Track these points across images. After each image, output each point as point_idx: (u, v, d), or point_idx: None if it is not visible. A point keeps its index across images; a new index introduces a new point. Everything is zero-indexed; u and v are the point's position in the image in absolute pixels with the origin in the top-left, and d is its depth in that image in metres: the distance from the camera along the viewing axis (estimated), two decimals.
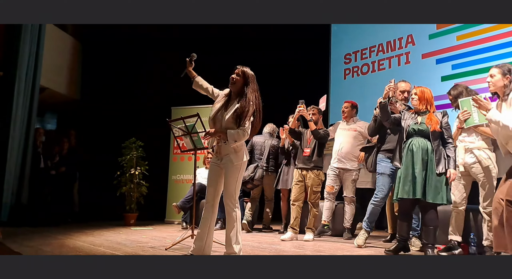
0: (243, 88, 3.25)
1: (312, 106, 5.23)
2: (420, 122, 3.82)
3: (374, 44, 7.55)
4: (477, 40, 6.27)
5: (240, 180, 3.30)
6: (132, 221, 6.91)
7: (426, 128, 3.77)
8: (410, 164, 3.71)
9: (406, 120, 3.90)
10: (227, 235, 3.24)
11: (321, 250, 4.14)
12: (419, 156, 3.69)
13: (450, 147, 3.78)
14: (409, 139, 3.82)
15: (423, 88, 3.95)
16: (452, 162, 3.71)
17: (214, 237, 4.42)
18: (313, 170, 5.02)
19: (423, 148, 3.72)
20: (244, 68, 3.29)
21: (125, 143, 7.18)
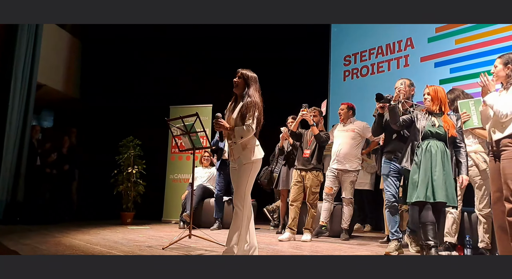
0: (245, 90, 3.31)
1: (314, 108, 5.24)
2: (438, 125, 3.66)
3: (374, 46, 7.58)
4: (476, 44, 6.31)
5: (252, 180, 3.31)
6: (129, 220, 6.88)
7: (444, 132, 3.62)
8: (429, 166, 3.54)
9: (421, 121, 3.73)
10: (230, 234, 3.22)
11: (318, 251, 4.14)
12: (438, 158, 3.54)
13: (462, 152, 3.65)
14: (425, 141, 3.66)
15: (436, 87, 3.78)
16: (464, 167, 3.59)
17: (211, 237, 4.45)
18: (312, 171, 5.03)
19: (442, 151, 3.58)
20: (244, 71, 3.35)
21: (123, 142, 7.15)
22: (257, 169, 3.34)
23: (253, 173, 3.29)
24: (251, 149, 3.29)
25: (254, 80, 3.33)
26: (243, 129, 3.19)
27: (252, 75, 3.34)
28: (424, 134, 3.66)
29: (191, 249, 4.03)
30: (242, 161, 3.24)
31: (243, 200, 3.23)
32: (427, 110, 3.77)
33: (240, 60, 7.96)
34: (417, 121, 3.74)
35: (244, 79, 3.31)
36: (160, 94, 8.01)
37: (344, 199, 5.29)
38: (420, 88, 6.21)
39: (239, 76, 3.33)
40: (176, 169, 7.65)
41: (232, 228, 3.22)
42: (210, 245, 4.23)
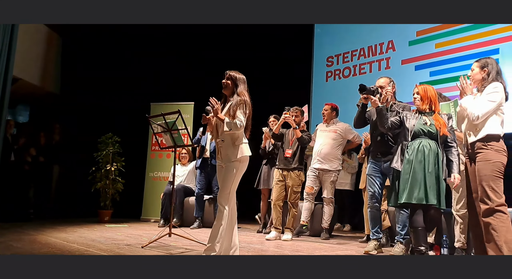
0: (234, 90, 3.36)
1: (295, 108, 5.24)
2: (430, 124, 3.55)
3: (356, 48, 7.63)
4: (455, 49, 6.41)
5: (238, 179, 3.33)
6: (106, 218, 6.77)
7: (436, 131, 3.50)
8: (421, 166, 3.43)
9: (410, 120, 3.61)
10: (212, 232, 3.21)
11: (299, 250, 4.14)
12: (431, 158, 3.42)
13: (453, 151, 3.53)
14: (417, 140, 3.53)
15: (425, 86, 3.68)
16: (455, 167, 3.48)
17: (191, 236, 4.41)
18: (294, 171, 5.05)
19: (434, 150, 3.46)
20: (232, 72, 3.40)
21: (102, 138, 7.04)
22: (244, 168, 3.35)
23: (240, 171, 3.30)
24: (240, 146, 3.30)
25: (242, 81, 3.40)
26: (235, 123, 3.21)
27: (241, 76, 3.41)
28: (415, 133, 3.54)
29: (171, 247, 3.99)
30: (230, 158, 3.27)
31: (228, 199, 3.25)
32: (417, 110, 3.69)
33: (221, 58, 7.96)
34: (407, 120, 3.64)
35: (233, 80, 3.38)
36: (141, 91, 7.91)
37: (324, 199, 5.32)
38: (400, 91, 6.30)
39: (228, 78, 3.39)
40: (156, 166, 7.56)
41: (215, 226, 3.21)
42: (190, 244, 4.19)
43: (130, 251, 3.62)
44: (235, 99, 3.30)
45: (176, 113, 4.24)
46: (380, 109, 3.76)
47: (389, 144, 4.07)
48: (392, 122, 3.73)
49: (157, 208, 6.86)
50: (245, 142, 3.36)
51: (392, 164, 3.61)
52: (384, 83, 4.13)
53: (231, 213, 3.31)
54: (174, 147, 4.50)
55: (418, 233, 3.42)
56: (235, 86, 3.37)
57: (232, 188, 3.28)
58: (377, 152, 4.16)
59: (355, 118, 4.26)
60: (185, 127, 4.34)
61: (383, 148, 4.10)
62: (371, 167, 4.20)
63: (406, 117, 3.66)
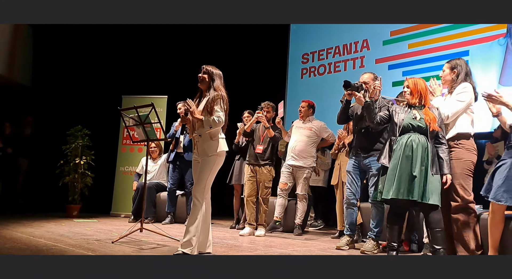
0: (210, 85, 3.36)
1: (267, 103, 5.22)
2: (420, 118, 3.41)
3: (331, 46, 7.68)
4: (427, 49, 6.53)
5: (214, 173, 3.32)
6: (75, 213, 6.61)
7: (426, 125, 3.37)
8: (408, 161, 3.31)
9: (399, 115, 3.50)
10: (187, 227, 3.18)
11: (272, 246, 4.13)
12: (418, 153, 3.30)
13: (444, 149, 3.38)
14: (405, 134, 3.42)
15: (415, 79, 3.55)
16: (446, 165, 3.33)
17: (163, 231, 4.34)
18: (265, 166, 5.03)
19: (423, 145, 3.33)
20: (209, 67, 3.40)
21: (70, 131, 6.86)
22: (221, 162, 3.35)
23: (216, 165, 3.30)
24: (217, 140, 3.31)
25: (219, 76, 3.40)
26: (214, 120, 3.19)
27: (217, 71, 3.41)
28: (403, 128, 3.43)
29: (142, 243, 3.91)
30: (208, 153, 3.26)
31: (203, 193, 3.23)
32: (407, 103, 3.56)
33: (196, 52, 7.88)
34: (395, 115, 3.53)
35: (209, 74, 3.37)
36: (113, 83, 7.74)
37: (298, 195, 5.33)
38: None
39: (204, 72, 3.38)
40: (127, 160, 7.42)
41: (190, 220, 3.19)
42: (162, 239, 4.12)
43: (100, 246, 3.52)
44: (211, 94, 3.28)
45: (149, 107, 4.15)
46: (368, 104, 3.68)
47: (371, 140, 4.07)
48: (381, 117, 3.66)
49: (127, 203, 6.74)
50: (222, 137, 3.36)
51: (380, 159, 3.53)
52: (368, 79, 4.12)
53: (206, 208, 3.28)
54: (147, 140, 4.41)
55: (393, 229, 3.44)
56: (211, 80, 3.36)
57: (207, 182, 3.26)
58: (357, 147, 4.16)
59: (339, 114, 4.24)
60: (159, 121, 4.26)
61: (364, 144, 4.10)
62: (351, 164, 4.20)
63: (395, 112, 3.56)
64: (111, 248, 3.45)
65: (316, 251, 3.90)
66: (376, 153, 3.94)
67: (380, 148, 3.93)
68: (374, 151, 4.03)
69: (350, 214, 4.18)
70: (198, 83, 3.40)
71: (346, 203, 4.19)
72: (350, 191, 4.16)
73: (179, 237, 4.31)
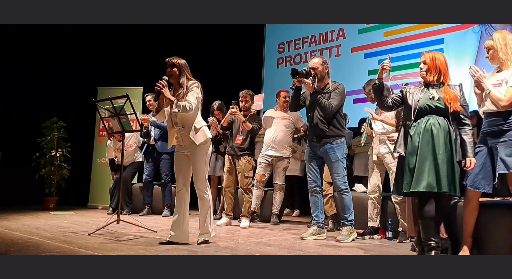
0: (179, 76, 3.39)
1: (245, 92, 5.17)
2: (438, 98, 3.03)
3: (307, 35, 7.72)
4: (403, 38, 6.62)
5: (207, 162, 3.47)
6: (51, 205, 6.56)
7: (445, 106, 2.98)
8: (429, 148, 2.93)
9: (414, 96, 3.11)
10: (202, 218, 3.40)
11: (251, 235, 4.17)
12: (440, 139, 2.92)
13: (467, 130, 3.02)
14: (423, 118, 3.03)
15: (433, 53, 3.14)
16: (470, 148, 2.97)
17: (141, 222, 4.35)
18: (245, 156, 5.04)
19: (445, 129, 2.95)
20: (173, 60, 3.42)
21: (46, 123, 6.78)
22: (210, 149, 3.47)
23: (207, 153, 3.43)
24: (201, 129, 3.40)
25: (185, 66, 3.44)
26: (184, 105, 3.24)
27: (182, 61, 3.45)
28: (419, 111, 3.05)
29: (119, 234, 3.91)
30: (196, 142, 3.34)
31: (205, 183, 3.41)
32: (424, 82, 3.19)
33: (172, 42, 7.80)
34: (409, 96, 3.14)
35: (177, 67, 3.40)
36: (88, 75, 7.63)
37: (276, 185, 5.36)
38: (350, 78, 6.41)
39: (171, 65, 3.40)
40: (103, 152, 7.34)
41: (202, 211, 3.41)
42: (139, 231, 4.13)
43: (76, 239, 3.51)
44: (187, 84, 3.34)
45: (124, 98, 4.13)
46: (376, 87, 3.28)
47: (323, 127, 3.98)
48: (393, 99, 3.28)
49: (104, 194, 6.71)
50: (205, 124, 3.46)
51: (395, 149, 3.19)
52: (317, 64, 4.03)
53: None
54: (122, 132, 4.38)
55: (428, 224, 2.97)
56: (180, 72, 3.39)
57: (205, 172, 3.42)
58: (312, 135, 4.07)
59: (289, 102, 4.23)
60: (134, 112, 4.23)
61: (317, 131, 4.01)
62: (307, 152, 4.15)
63: (409, 93, 3.17)
64: (88, 240, 3.45)
65: (291, 240, 3.96)
66: (331, 140, 3.95)
67: (335, 135, 3.96)
68: (328, 137, 3.97)
69: (315, 201, 4.10)
70: (168, 78, 3.40)
71: (310, 191, 4.12)
72: (310, 178, 4.09)
73: (156, 228, 4.35)
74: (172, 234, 3.40)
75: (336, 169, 3.99)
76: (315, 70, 4.00)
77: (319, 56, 4.22)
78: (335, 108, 3.94)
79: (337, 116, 4.01)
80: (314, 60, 4.10)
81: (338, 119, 4.02)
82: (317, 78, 3.96)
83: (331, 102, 3.92)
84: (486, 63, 3.28)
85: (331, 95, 3.96)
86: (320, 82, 4.04)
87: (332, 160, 3.97)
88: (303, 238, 3.98)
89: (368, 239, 4.17)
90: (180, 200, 3.46)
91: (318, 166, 4.10)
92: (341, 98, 4.00)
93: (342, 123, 4.08)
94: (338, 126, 4.01)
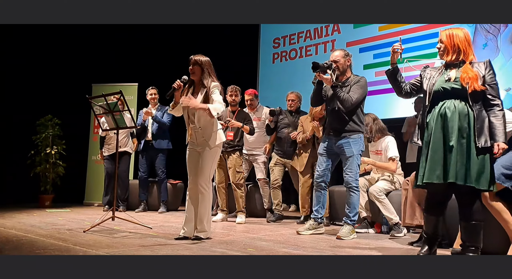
0: (203, 75, 3.42)
1: (233, 87, 5.11)
2: (455, 78, 2.71)
3: (302, 30, 7.69)
4: (398, 32, 6.59)
5: (216, 163, 3.61)
6: (47, 203, 6.54)
7: (463, 87, 2.65)
8: (441, 135, 2.65)
9: (430, 80, 2.81)
10: (200, 215, 3.42)
11: (248, 231, 4.19)
12: (455, 123, 2.61)
13: (496, 111, 2.65)
14: (438, 102, 2.73)
15: (451, 30, 2.82)
16: (499, 132, 2.60)
17: (136, 219, 4.34)
18: (235, 152, 4.99)
19: (461, 112, 2.62)
20: (197, 57, 3.44)
21: (40, 120, 6.75)
22: (220, 151, 3.60)
23: (217, 156, 3.53)
24: (216, 132, 3.47)
25: (208, 64, 3.46)
26: (217, 106, 3.27)
27: (206, 59, 3.47)
28: (434, 95, 2.75)
29: (114, 231, 3.90)
30: (210, 145, 3.42)
31: (208, 182, 3.44)
32: (445, 63, 2.86)
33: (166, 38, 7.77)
34: (425, 81, 2.85)
35: (200, 65, 3.41)
36: (82, 71, 7.59)
37: (259, 181, 5.35)
38: None
39: (194, 63, 3.42)
40: (98, 149, 7.32)
41: (201, 208, 3.42)
42: (134, 227, 4.12)
43: (71, 236, 3.51)
44: (209, 85, 3.37)
45: (118, 94, 4.11)
46: (390, 73, 3.02)
47: (343, 121, 3.87)
48: (411, 85, 3.00)
49: (100, 192, 6.68)
50: (220, 127, 3.54)
51: (412, 139, 2.96)
52: (339, 57, 3.90)
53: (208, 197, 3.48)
54: (116, 128, 4.36)
55: (470, 228, 2.67)
56: (202, 70, 3.41)
57: (211, 172, 3.48)
58: (329, 129, 3.98)
59: (312, 96, 4.06)
60: (128, 109, 4.22)
61: (335, 125, 3.91)
62: (322, 146, 4.03)
63: (426, 76, 2.87)
64: (82, 237, 3.44)
65: (287, 235, 3.97)
66: (348, 135, 3.83)
67: (352, 129, 3.85)
68: (346, 132, 3.85)
69: (318, 197, 4.00)
70: (190, 75, 3.44)
71: (315, 186, 4.04)
72: (318, 172, 4.00)
73: (152, 224, 4.34)
74: (185, 230, 3.48)
75: (350, 165, 3.84)
76: (336, 63, 3.88)
77: (341, 48, 4.09)
78: (355, 102, 3.79)
79: (357, 111, 3.89)
80: (335, 53, 3.97)
81: (358, 114, 3.89)
82: (338, 71, 3.85)
83: (351, 96, 3.78)
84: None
85: (352, 88, 3.83)
86: (342, 76, 3.92)
87: (347, 154, 3.84)
88: (299, 233, 3.94)
89: (364, 233, 4.18)
90: (192, 198, 3.50)
91: (331, 161, 3.98)
92: (363, 92, 3.86)
93: (362, 118, 3.95)
94: (357, 121, 3.89)
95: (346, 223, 3.85)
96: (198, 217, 3.43)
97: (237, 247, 3.14)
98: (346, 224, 3.84)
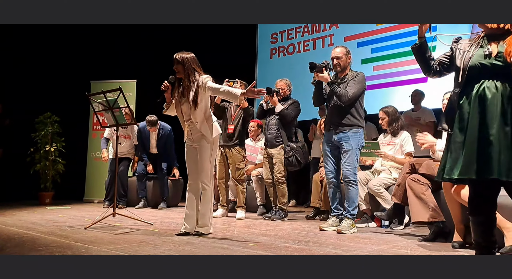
0: (186, 72, 3.41)
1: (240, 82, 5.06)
2: (497, 53, 2.19)
3: (300, 25, 7.69)
4: (396, 26, 6.60)
5: (214, 157, 3.62)
6: (47, 200, 6.55)
7: (507, 63, 2.13)
8: (479, 121, 2.16)
9: (465, 55, 2.28)
10: (202, 211, 3.46)
11: (249, 226, 4.21)
12: (497, 108, 2.12)
13: None
14: (475, 81, 2.22)
15: None
16: None
17: (137, 215, 4.36)
18: (236, 147, 4.98)
19: (505, 94, 2.14)
20: (178, 55, 3.42)
21: (39, 118, 6.75)
22: (218, 145, 3.63)
23: (214, 150, 3.54)
24: (212, 125, 3.47)
25: (192, 60, 3.44)
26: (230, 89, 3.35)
27: (188, 56, 3.45)
28: (470, 71, 2.24)
29: (115, 228, 3.92)
30: (206, 139, 3.44)
31: (209, 177, 3.47)
32: (483, 34, 2.32)
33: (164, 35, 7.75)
34: (458, 55, 2.34)
35: (182, 63, 3.40)
36: (81, 68, 7.58)
37: (252, 177, 5.44)
38: None
39: (176, 62, 3.41)
40: (98, 146, 7.31)
41: (202, 204, 3.46)
42: (135, 224, 4.14)
43: (72, 233, 3.52)
44: (199, 80, 3.38)
45: (117, 91, 4.11)
46: (417, 48, 2.54)
47: (342, 115, 3.90)
48: (440, 61, 2.52)
49: (100, 188, 6.70)
50: (215, 120, 3.54)
51: (440, 124, 2.49)
52: (341, 54, 3.93)
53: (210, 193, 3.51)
54: (116, 125, 4.37)
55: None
56: (186, 69, 3.40)
57: (211, 167, 3.49)
58: (329, 123, 4.01)
59: (313, 97, 4.10)
60: (127, 106, 4.22)
61: (334, 119, 3.94)
62: (324, 141, 4.08)
63: (459, 50, 2.36)
64: (84, 234, 3.46)
65: (288, 230, 3.99)
66: (347, 129, 3.86)
67: (351, 123, 3.86)
68: (345, 126, 3.87)
69: (333, 194, 4.01)
70: (176, 74, 3.45)
71: (328, 183, 4.06)
72: (327, 169, 4.02)
73: (152, 220, 4.36)
74: (186, 227, 3.49)
75: (348, 158, 3.85)
76: (339, 59, 3.92)
77: (342, 45, 4.13)
78: (352, 96, 3.80)
79: (357, 106, 3.90)
80: (337, 50, 3.99)
81: (356, 109, 3.91)
82: (339, 67, 3.91)
83: (348, 91, 3.80)
84: None
85: (349, 84, 3.85)
86: (342, 73, 3.96)
87: (346, 148, 3.85)
88: (322, 229, 3.92)
89: (364, 228, 4.20)
90: (192, 194, 3.52)
91: (335, 156, 4.00)
92: (360, 87, 3.87)
93: (361, 113, 3.95)
94: (355, 116, 3.90)
95: (346, 217, 3.87)
96: (201, 212, 3.47)
97: (238, 242, 3.16)
98: (346, 218, 3.86)
